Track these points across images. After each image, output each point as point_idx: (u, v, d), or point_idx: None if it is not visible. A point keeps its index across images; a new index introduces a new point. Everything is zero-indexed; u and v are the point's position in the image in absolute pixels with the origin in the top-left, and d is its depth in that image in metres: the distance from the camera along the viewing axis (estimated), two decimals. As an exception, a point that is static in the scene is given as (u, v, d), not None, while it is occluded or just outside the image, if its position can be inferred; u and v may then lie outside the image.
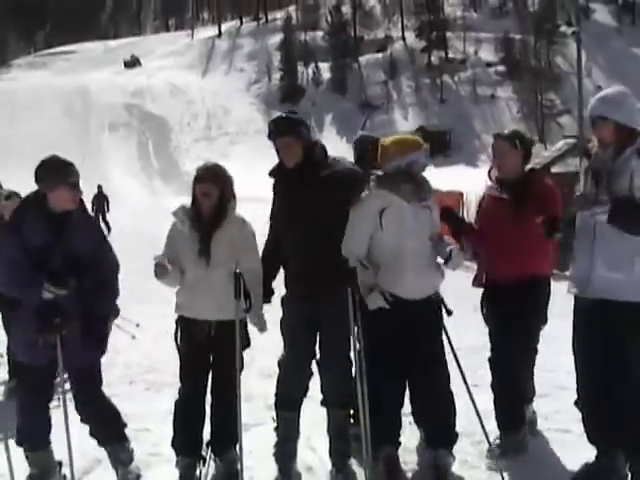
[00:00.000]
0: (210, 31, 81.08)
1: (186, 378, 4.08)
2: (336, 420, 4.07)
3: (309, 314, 3.99)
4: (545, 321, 4.42)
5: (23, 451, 3.89)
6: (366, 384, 3.82)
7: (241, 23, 79.86)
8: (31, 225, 3.79)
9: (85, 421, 3.97)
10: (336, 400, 4.03)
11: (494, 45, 63.48)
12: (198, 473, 4.03)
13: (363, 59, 64.42)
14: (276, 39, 68.74)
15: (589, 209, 3.55)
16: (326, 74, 62.82)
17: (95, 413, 3.98)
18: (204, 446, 4.08)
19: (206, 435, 4.11)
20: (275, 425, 4.18)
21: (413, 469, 4.22)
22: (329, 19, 66.14)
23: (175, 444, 4.08)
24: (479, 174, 4.78)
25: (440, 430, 4.04)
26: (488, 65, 62.33)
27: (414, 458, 4.33)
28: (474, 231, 4.59)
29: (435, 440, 4.06)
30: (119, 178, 41.73)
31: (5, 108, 53.16)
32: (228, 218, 3.96)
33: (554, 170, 18.97)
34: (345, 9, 67.85)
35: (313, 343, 4.06)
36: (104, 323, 3.95)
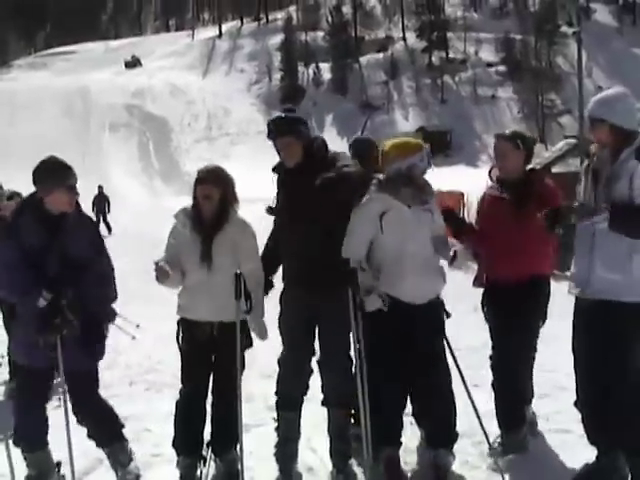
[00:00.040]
0: (211, 31, 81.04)
1: (187, 379, 4.07)
2: (336, 420, 4.07)
3: (308, 313, 3.99)
4: (545, 319, 4.43)
5: (21, 452, 3.89)
6: (366, 384, 3.82)
7: (242, 23, 79.86)
8: (28, 227, 3.79)
9: (82, 423, 3.96)
10: (336, 400, 4.03)
11: (495, 45, 63.47)
12: (199, 473, 4.03)
13: (364, 59, 64.39)
14: (277, 39, 68.71)
15: (589, 219, 3.56)
16: (327, 74, 62.79)
17: (92, 415, 3.97)
18: (205, 446, 4.08)
19: (207, 435, 4.11)
20: (276, 425, 4.18)
21: (413, 469, 4.22)
22: (330, 19, 66.11)
23: (176, 444, 4.08)
24: (480, 174, 4.78)
25: (440, 430, 4.04)
26: (489, 65, 62.31)
27: (415, 458, 4.33)
28: (475, 231, 4.59)
29: (435, 440, 4.06)
30: (120, 178, 41.71)
31: (5, 108, 53.13)
32: (229, 221, 3.96)
33: (555, 170, 18.96)
34: (346, 9, 67.82)
35: (312, 341, 4.06)
36: (99, 324, 3.93)
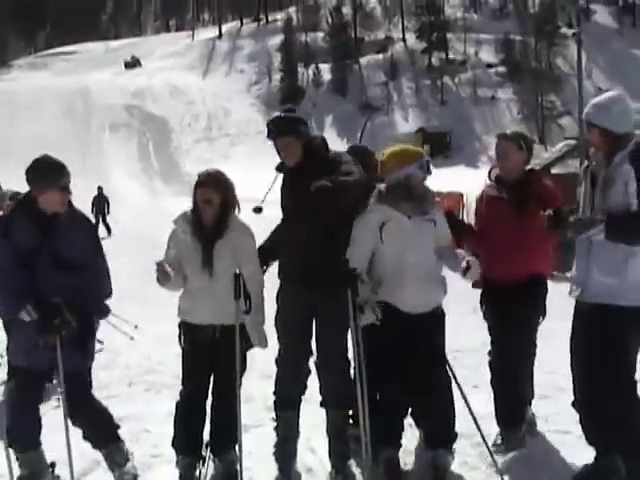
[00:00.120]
0: (210, 32, 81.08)
1: (188, 380, 4.07)
2: (335, 421, 4.06)
3: (306, 312, 3.99)
4: (544, 315, 4.45)
5: (13, 452, 3.85)
6: (366, 386, 3.82)
7: (241, 24, 79.88)
8: (20, 227, 3.79)
9: (77, 424, 3.93)
10: (335, 401, 4.02)
11: (494, 46, 63.49)
12: (198, 473, 4.03)
13: (363, 60, 64.42)
14: (276, 40, 68.73)
15: (585, 233, 3.57)
16: (326, 75, 62.81)
17: (85, 416, 3.95)
18: (204, 446, 4.07)
19: (206, 436, 4.10)
20: (275, 425, 4.18)
21: (412, 469, 4.22)
22: (329, 20, 66.15)
23: (175, 444, 4.08)
24: (479, 175, 4.79)
25: (439, 430, 4.04)
26: (488, 66, 62.33)
27: (414, 460, 4.32)
28: (473, 232, 4.59)
29: (434, 440, 4.06)
30: (119, 179, 41.70)
31: (5, 108, 53.13)
32: (230, 226, 3.96)
33: (554, 171, 18.99)
34: (345, 10, 67.86)
35: (309, 341, 4.06)
36: (89, 319, 3.91)
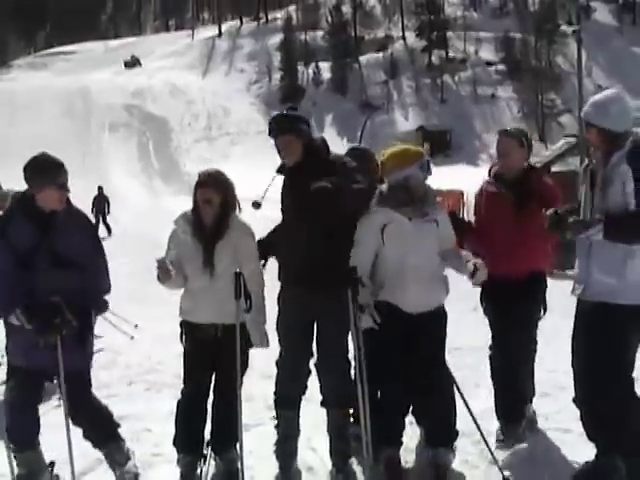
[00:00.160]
0: (210, 31, 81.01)
1: (189, 379, 4.07)
2: (336, 420, 4.06)
3: (307, 313, 3.98)
4: (545, 310, 4.47)
5: (12, 452, 3.84)
6: (366, 385, 3.82)
7: (241, 23, 79.82)
8: (18, 226, 3.78)
9: (77, 424, 3.93)
10: (335, 401, 4.03)
11: (494, 45, 63.44)
12: (199, 472, 4.03)
13: (363, 59, 64.36)
14: (276, 39, 68.68)
15: (584, 233, 3.58)
16: (326, 74, 62.76)
17: (86, 416, 3.94)
18: (205, 445, 4.08)
19: (207, 434, 4.10)
20: (275, 423, 4.18)
21: (413, 468, 4.23)
22: (329, 19, 66.11)
23: (176, 443, 4.08)
24: (480, 173, 4.79)
25: (440, 429, 4.05)
26: (488, 65, 62.29)
27: (415, 458, 4.33)
28: (473, 230, 4.59)
29: (435, 439, 4.06)
30: (119, 178, 41.67)
31: (5, 108, 53.11)
32: (230, 226, 3.96)
33: (554, 169, 18.95)
34: (345, 9, 67.78)
35: (310, 343, 4.06)
36: (88, 313, 3.90)
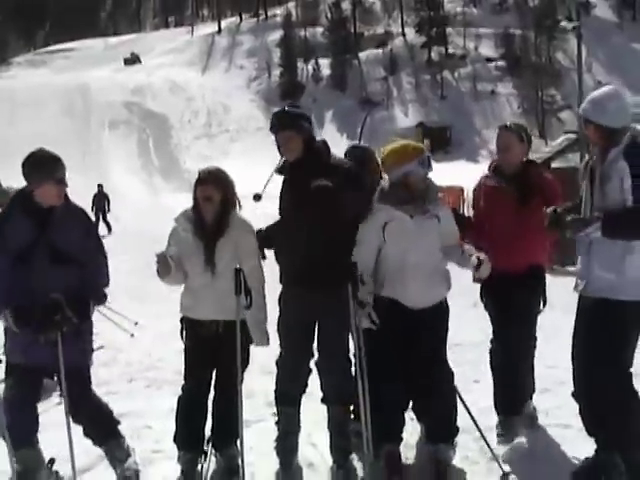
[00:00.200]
0: (210, 28, 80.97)
1: (190, 375, 4.07)
2: (336, 417, 4.06)
3: (308, 313, 3.98)
4: (545, 303, 4.49)
5: (10, 449, 3.80)
6: (367, 381, 3.82)
7: (241, 20, 79.78)
8: (16, 222, 3.78)
9: (77, 421, 3.93)
10: (336, 398, 4.03)
11: (494, 41, 63.43)
12: (199, 468, 4.04)
13: (363, 55, 64.36)
14: (276, 35, 68.66)
15: (583, 231, 3.60)
16: (326, 70, 62.75)
17: (86, 413, 3.94)
18: (205, 442, 4.08)
19: (208, 431, 4.11)
20: (276, 420, 4.18)
21: (413, 463, 4.23)
22: (329, 15, 66.12)
23: (177, 440, 4.09)
24: (480, 170, 4.79)
25: (441, 425, 4.05)
26: (488, 61, 62.29)
27: (415, 454, 4.34)
28: (473, 225, 4.59)
29: (435, 435, 4.07)
30: (119, 176, 41.68)
31: (5, 106, 53.09)
32: (231, 224, 3.96)
33: (554, 165, 18.93)
34: (345, 5, 67.80)
35: (311, 343, 4.07)
36: (87, 303, 3.89)
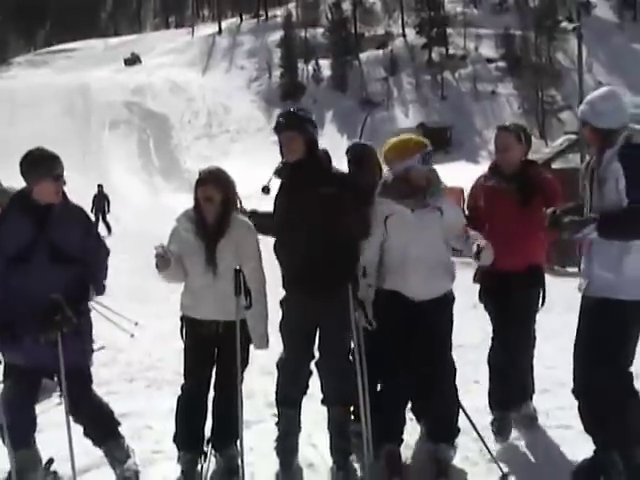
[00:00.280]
0: (210, 28, 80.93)
1: (190, 374, 4.08)
2: (337, 418, 4.07)
3: (309, 319, 3.99)
4: (544, 302, 4.50)
5: (7, 448, 3.80)
6: (367, 381, 3.83)
7: (241, 20, 79.76)
8: (14, 221, 3.78)
9: (77, 421, 3.93)
10: (336, 399, 4.03)
11: (495, 41, 63.39)
12: (199, 469, 4.04)
13: (363, 56, 64.32)
14: (276, 36, 68.63)
15: (580, 233, 3.60)
16: (326, 71, 62.72)
17: (86, 413, 3.94)
18: (205, 442, 4.09)
19: (208, 431, 4.11)
20: (276, 420, 4.19)
21: (413, 463, 4.24)
22: (329, 16, 66.06)
23: (177, 440, 4.09)
24: (480, 170, 4.79)
25: (441, 425, 4.06)
26: (489, 61, 62.25)
27: (415, 454, 4.34)
28: (473, 224, 4.59)
29: (436, 435, 4.07)
30: (120, 176, 41.67)
31: (5, 106, 53.05)
32: (231, 224, 3.96)
33: (555, 166, 18.95)
34: (345, 6, 67.73)
35: (312, 345, 4.07)
36: (86, 295, 3.89)
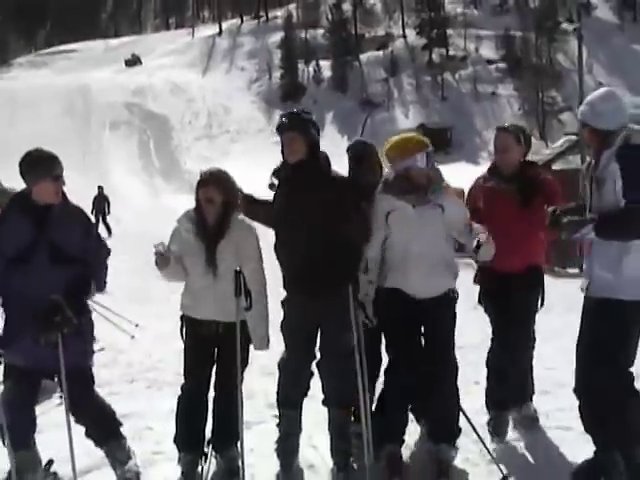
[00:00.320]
0: (211, 29, 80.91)
1: (189, 374, 4.08)
2: (337, 419, 4.07)
3: (310, 320, 3.99)
4: (542, 303, 4.51)
5: (7, 449, 3.80)
6: (367, 381, 3.83)
7: (242, 21, 79.75)
8: (14, 222, 3.78)
9: (79, 422, 3.93)
10: (337, 400, 4.03)
11: (495, 42, 63.37)
12: (200, 470, 4.04)
13: (364, 57, 64.30)
14: (277, 37, 68.61)
15: (579, 233, 3.61)
16: (327, 72, 62.70)
17: (88, 413, 3.94)
18: (206, 443, 4.09)
19: (208, 433, 4.11)
20: (277, 421, 4.19)
21: (414, 463, 4.23)
22: (330, 17, 66.04)
23: (177, 441, 4.10)
24: (480, 171, 4.80)
25: (442, 425, 4.06)
26: (489, 62, 62.22)
27: (416, 455, 4.34)
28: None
29: (437, 435, 4.07)
30: (120, 177, 41.67)
31: (6, 107, 53.05)
32: (232, 225, 3.97)
33: (555, 167, 18.97)
34: (346, 7, 67.69)
35: (313, 346, 4.07)
36: (87, 289, 3.89)
